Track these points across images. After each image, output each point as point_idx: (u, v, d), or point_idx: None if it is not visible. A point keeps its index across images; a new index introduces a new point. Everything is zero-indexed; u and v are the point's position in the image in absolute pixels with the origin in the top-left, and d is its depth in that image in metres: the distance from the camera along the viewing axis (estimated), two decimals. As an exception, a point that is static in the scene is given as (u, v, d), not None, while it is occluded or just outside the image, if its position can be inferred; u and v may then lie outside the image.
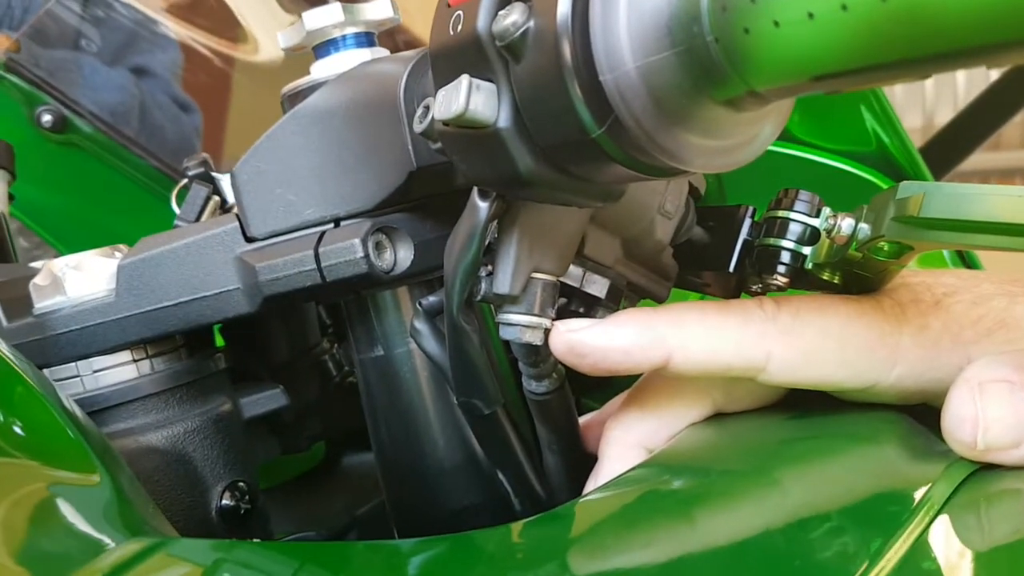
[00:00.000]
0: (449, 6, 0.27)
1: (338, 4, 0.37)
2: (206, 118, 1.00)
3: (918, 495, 0.26)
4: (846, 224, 0.31)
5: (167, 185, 0.71)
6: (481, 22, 0.25)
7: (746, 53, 0.21)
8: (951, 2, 0.17)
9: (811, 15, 0.19)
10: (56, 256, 0.92)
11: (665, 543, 0.27)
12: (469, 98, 0.26)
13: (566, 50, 0.23)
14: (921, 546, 0.24)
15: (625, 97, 0.23)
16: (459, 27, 0.26)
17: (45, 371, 0.40)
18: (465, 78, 0.26)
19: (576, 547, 0.28)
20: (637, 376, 0.40)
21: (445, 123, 0.27)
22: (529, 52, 0.24)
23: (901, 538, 0.24)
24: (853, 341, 0.32)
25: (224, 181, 0.50)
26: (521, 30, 0.24)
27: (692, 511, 0.29)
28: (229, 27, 0.98)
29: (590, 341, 0.32)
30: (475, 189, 0.30)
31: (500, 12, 0.25)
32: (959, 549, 0.25)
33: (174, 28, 0.97)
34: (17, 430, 0.27)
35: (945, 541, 0.25)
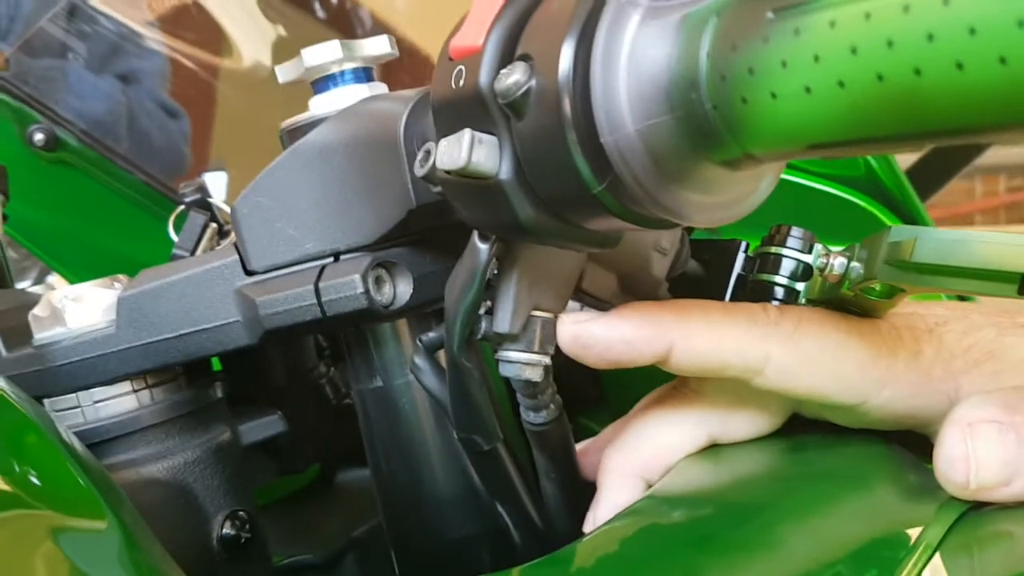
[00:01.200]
0: (451, 59, 0.27)
1: (336, 41, 0.37)
2: (193, 122, 1.00)
3: (913, 536, 0.27)
4: (838, 263, 0.32)
5: (159, 202, 0.72)
6: (483, 79, 0.26)
7: (744, 121, 0.21)
8: (945, 86, 0.18)
9: (808, 90, 0.20)
10: (43, 268, 0.92)
11: None
12: (471, 152, 0.26)
13: (567, 111, 0.24)
14: None
15: (625, 157, 0.24)
16: (461, 81, 0.27)
17: (45, 401, 0.41)
18: (467, 132, 0.26)
19: None
20: (635, 400, 0.40)
21: (447, 172, 0.28)
22: (531, 110, 0.25)
23: None
24: (849, 356, 0.33)
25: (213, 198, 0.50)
26: (523, 89, 0.25)
27: (692, 556, 0.29)
28: (212, 33, 0.99)
29: (595, 332, 0.32)
30: (475, 232, 0.31)
31: (502, 70, 0.25)
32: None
33: (158, 35, 0.97)
34: (33, 480, 0.27)
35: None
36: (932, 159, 0.74)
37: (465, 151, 0.26)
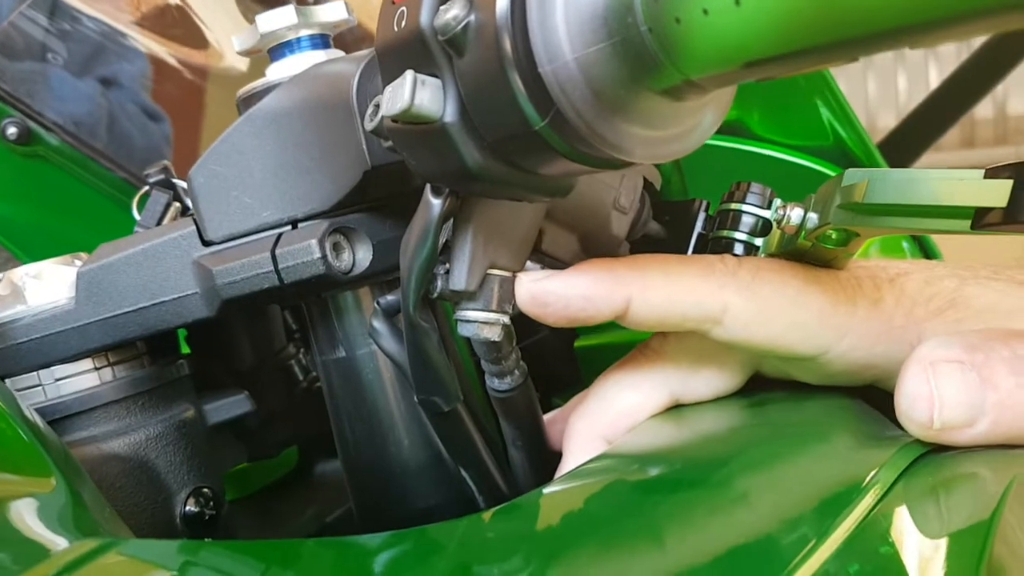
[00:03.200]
0: (393, 3, 0.27)
1: (291, 7, 0.37)
2: (176, 127, 1.00)
3: (866, 479, 0.26)
4: (795, 214, 0.31)
5: (132, 195, 0.71)
6: (424, 17, 0.25)
7: (679, 42, 0.21)
8: (869, -15, 0.17)
9: (737, 2, 0.19)
10: (16, 264, 0.91)
11: (625, 531, 0.27)
12: (414, 94, 0.26)
13: (506, 43, 0.24)
14: (868, 526, 0.24)
15: (565, 89, 0.23)
16: (403, 23, 0.26)
17: (7, 380, 0.40)
18: (410, 74, 0.26)
19: (537, 537, 0.29)
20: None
21: (393, 119, 0.27)
22: (471, 46, 0.25)
23: (848, 519, 0.24)
24: (808, 304, 0.32)
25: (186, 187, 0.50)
26: (462, 24, 0.24)
27: (652, 499, 0.29)
28: (195, 36, 0.98)
29: (552, 289, 0.32)
30: (428, 186, 0.31)
31: (441, 7, 0.25)
32: (903, 528, 0.25)
33: (141, 38, 0.97)
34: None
35: (890, 521, 0.25)
36: (904, 132, 0.73)
37: (408, 93, 0.26)
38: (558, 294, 0.32)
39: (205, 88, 1.01)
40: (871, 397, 0.34)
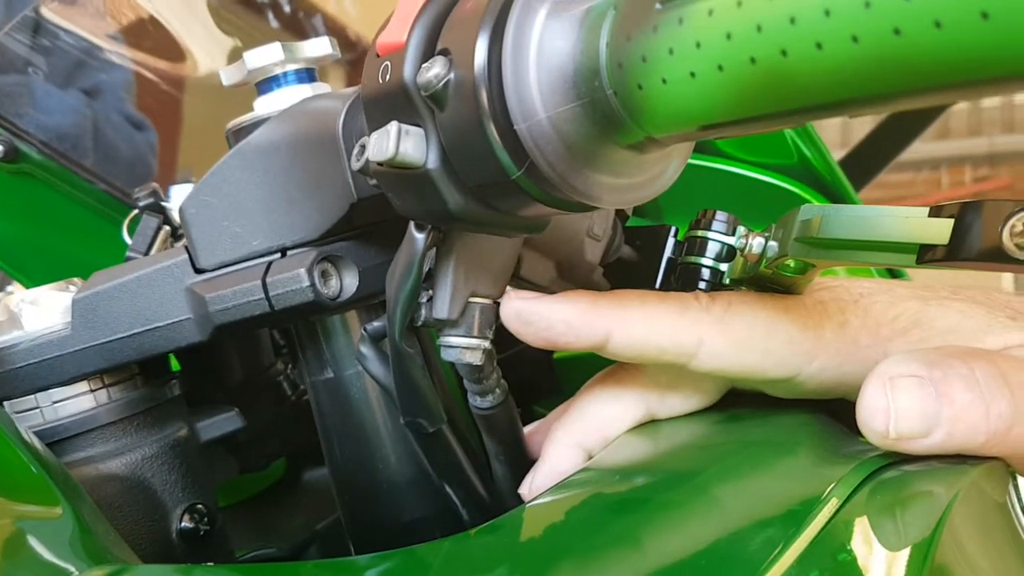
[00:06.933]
0: (378, 56, 0.29)
1: (278, 43, 0.39)
2: (159, 133, 1.01)
3: (826, 492, 0.28)
4: (756, 243, 0.33)
5: (122, 211, 0.72)
6: (407, 73, 0.27)
7: (641, 106, 0.23)
8: (809, 64, 0.19)
9: (693, 74, 0.21)
10: (3, 278, 0.91)
11: (603, 544, 0.29)
12: (399, 143, 0.27)
13: (484, 101, 0.25)
14: (827, 535, 0.27)
15: (539, 143, 0.25)
16: (387, 76, 0.28)
17: (5, 404, 0.42)
18: (394, 124, 0.28)
19: (520, 552, 0.30)
20: (580, 384, 0.42)
21: (379, 164, 0.29)
22: (451, 101, 0.26)
23: (808, 529, 0.26)
24: (777, 333, 0.34)
25: (175, 211, 0.52)
26: (443, 82, 0.26)
27: (627, 513, 0.31)
28: (175, 45, 1.00)
29: (537, 310, 0.34)
30: (412, 222, 0.32)
31: (424, 64, 0.27)
32: (859, 536, 0.27)
33: (122, 49, 0.98)
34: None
35: (847, 530, 0.27)
36: (864, 150, 0.76)
37: (393, 143, 0.27)
38: (542, 315, 0.34)
39: (184, 95, 1.03)
40: (838, 407, 0.36)
